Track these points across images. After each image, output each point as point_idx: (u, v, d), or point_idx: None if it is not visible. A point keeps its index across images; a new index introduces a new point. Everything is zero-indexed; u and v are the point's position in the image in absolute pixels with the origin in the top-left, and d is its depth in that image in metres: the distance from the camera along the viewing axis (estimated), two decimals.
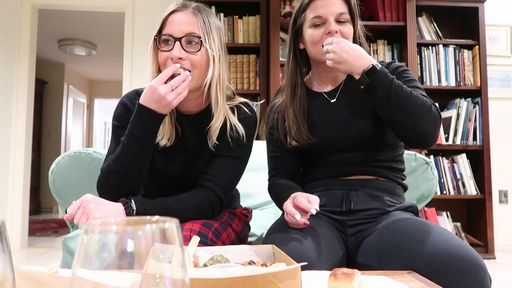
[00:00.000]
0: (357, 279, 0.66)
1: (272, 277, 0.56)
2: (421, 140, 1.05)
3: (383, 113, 1.06)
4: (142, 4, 3.46)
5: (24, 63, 3.52)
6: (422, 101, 1.02)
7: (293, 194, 1.01)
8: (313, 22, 1.14)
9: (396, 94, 1.01)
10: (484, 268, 0.82)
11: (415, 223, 0.95)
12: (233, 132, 1.10)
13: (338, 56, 1.04)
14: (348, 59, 1.04)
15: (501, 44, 3.49)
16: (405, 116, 1.01)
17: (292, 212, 0.95)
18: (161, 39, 1.06)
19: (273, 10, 2.95)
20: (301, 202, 0.95)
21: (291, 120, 1.16)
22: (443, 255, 0.83)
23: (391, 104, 1.01)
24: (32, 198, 4.56)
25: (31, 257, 3.14)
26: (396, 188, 1.15)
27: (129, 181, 1.03)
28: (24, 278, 0.58)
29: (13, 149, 3.47)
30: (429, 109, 1.02)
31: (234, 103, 1.15)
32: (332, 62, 1.06)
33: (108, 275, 0.32)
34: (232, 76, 3.06)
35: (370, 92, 1.03)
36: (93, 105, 7.71)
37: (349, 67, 1.04)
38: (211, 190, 1.08)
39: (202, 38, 1.05)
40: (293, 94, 1.19)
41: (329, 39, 1.08)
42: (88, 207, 0.93)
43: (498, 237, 3.21)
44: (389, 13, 3.09)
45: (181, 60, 1.03)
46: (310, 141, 1.14)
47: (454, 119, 3.09)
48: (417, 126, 1.02)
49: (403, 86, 1.03)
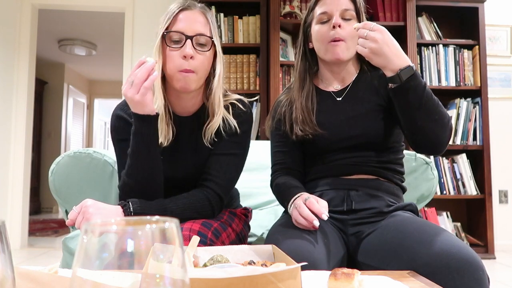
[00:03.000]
0: (357, 279, 0.66)
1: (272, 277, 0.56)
2: (435, 148, 1.06)
3: (407, 116, 1.03)
4: (142, 4, 3.46)
5: (24, 63, 3.52)
6: (445, 111, 1.03)
7: (303, 196, 1.00)
8: (319, 18, 1.16)
9: (427, 101, 0.99)
10: (483, 268, 0.83)
11: (415, 223, 0.96)
12: (226, 127, 1.10)
13: (379, 47, 0.98)
14: (388, 53, 0.98)
15: (501, 44, 3.49)
16: (430, 123, 1.01)
17: (311, 217, 0.94)
18: (171, 36, 1.05)
19: (273, 10, 2.94)
20: (313, 205, 0.95)
21: (299, 111, 1.16)
22: (442, 255, 0.83)
23: (420, 110, 1.00)
24: (32, 198, 4.56)
25: (31, 257, 3.14)
26: (396, 189, 1.16)
27: (146, 189, 1.03)
28: (24, 278, 0.58)
29: (13, 149, 3.47)
30: (449, 120, 1.04)
31: (229, 100, 1.15)
32: (369, 51, 0.99)
33: (108, 275, 0.32)
34: (232, 76, 3.05)
35: (401, 93, 1.00)
36: (93, 105, 7.71)
37: (386, 62, 0.99)
38: (210, 189, 1.08)
39: (213, 38, 1.07)
40: (302, 89, 1.20)
41: (370, 24, 1.01)
42: (88, 212, 0.94)
43: (498, 237, 3.21)
44: (389, 13, 3.09)
45: (192, 59, 1.03)
46: (317, 132, 1.13)
47: (454, 119, 3.09)
48: (437, 135, 1.03)
49: (433, 94, 1.01)
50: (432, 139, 1.04)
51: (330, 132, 1.14)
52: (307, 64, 1.24)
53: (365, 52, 1.00)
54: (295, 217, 0.99)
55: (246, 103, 1.17)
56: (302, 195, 1.02)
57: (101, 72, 7.04)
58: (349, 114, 1.15)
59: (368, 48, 0.99)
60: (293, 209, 1.01)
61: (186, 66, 1.03)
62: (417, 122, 1.02)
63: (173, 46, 1.04)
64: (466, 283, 0.80)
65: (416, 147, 1.10)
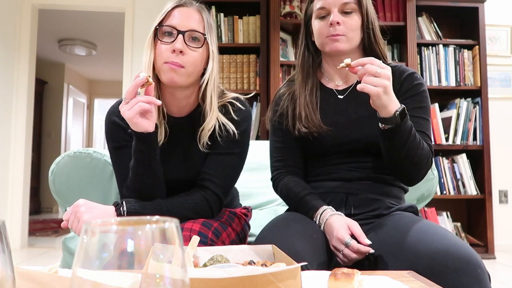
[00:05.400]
0: (357, 279, 0.66)
1: (272, 277, 0.56)
2: (409, 183, 1.13)
3: (390, 155, 1.04)
4: (142, 4, 3.46)
5: (24, 63, 3.52)
6: (425, 152, 1.05)
7: (347, 240, 0.96)
8: (318, 13, 1.13)
9: (410, 143, 1.00)
10: (481, 266, 0.83)
11: (414, 223, 0.96)
12: (222, 133, 1.08)
13: (390, 85, 0.93)
14: (392, 94, 0.95)
15: (501, 44, 3.49)
16: (408, 165, 1.04)
17: (363, 254, 0.95)
18: (163, 31, 1.04)
19: (273, 10, 2.94)
20: (359, 248, 0.95)
21: (302, 106, 1.13)
22: (440, 254, 0.83)
23: (403, 151, 1.00)
24: (32, 198, 4.56)
25: (31, 257, 3.14)
26: (397, 191, 1.15)
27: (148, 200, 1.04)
28: (24, 278, 0.58)
29: (13, 149, 3.47)
30: (428, 159, 1.06)
31: (226, 99, 1.13)
32: (383, 89, 0.92)
33: (108, 275, 0.32)
34: (232, 76, 3.05)
35: (393, 134, 0.98)
36: (93, 105, 7.71)
37: (389, 101, 0.94)
38: (208, 189, 1.07)
39: (206, 36, 1.05)
40: (305, 84, 1.17)
41: (377, 61, 0.95)
42: (79, 211, 0.95)
43: (498, 237, 3.21)
44: (389, 13, 3.09)
45: (181, 54, 1.01)
46: (321, 129, 1.11)
47: (454, 119, 3.09)
48: (412, 174, 1.07)
49: (416, 134, 1.02)
50: (409, 176, 1.09)
51: (332, 134, 1.12)
52: (311, 57, 1.20)
53: (377, 91, 0.92)
54: (346, 256, 0.97)
55: (244, 101, 1.15)
56: (325, 212, 1.04)
57: (101, 72, 7.04)
58: (351, 116, 1.13)
59: (382, 87, 0.92)
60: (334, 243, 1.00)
61: (173, 59, 1.01)
62: (397, 160, 1.04)
63: (164, 40, 1.03)
64: (466, 282, 0.80)
65: (392, 175, 1.13)
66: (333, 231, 0.99)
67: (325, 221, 1.02)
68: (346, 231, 0.97)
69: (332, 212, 1.03)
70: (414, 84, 1.12)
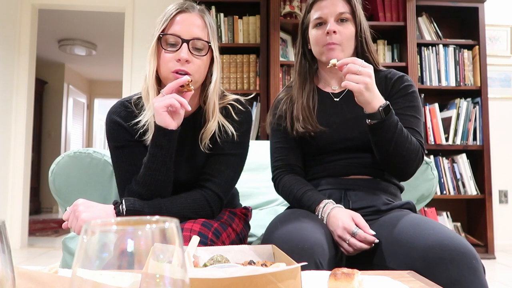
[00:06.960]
0: (357, 279, 0.66)
1: (272, 277, 0.56)
2: (401, 178, 1.17)
3: (379, 150, 1.08)
4: (142, 4, 3.46)
5: (24, 63, 3.52)
6: (414, 147, 1.08)
7: (353, 230, 0.99)
8: (315, 22, 1.18)
9: (397, 136, 1.04)
10: (476, 257, 0.85)
11: (410, 219, 0.99)
12: (222, 135, 1.09)
13: (371, 82, 1.00)
14: (375, 90, 1.01)
15: (501, 44, 3.49)
16: (397, 158, 1.07)
17: (369, 243, 0.99)
18: (167, 40, 1.03)
19: (273, 10, 2.94)
20: (366, 237, 0.98)
21: (300, 110, 1.18)
22: (435, 247, 0.86)
23: (391, 145, 1.04)
24: (32, 198, 4.56)
25: (31, 257, 3.14)
26: (393, 188, 1.18)
27: (155, 197, 1.04)
28: (24, 278, 0.58)
29: (13, 149, 3.47)
30: (417, 154, 1.09)
31: (227, 101, 1.14)
32: (364, 86, 0.99)
33: (108, 275, 0.32)
34: (232, 76, 3.05)
35: (379, 129, 1.03)
36: (93, 105, 7.71)
37: (372, 97, 1.01)
38: (209, 189, 1.08)
39: (211, 43, 1.05)
40: (302, 89, 1.22)
41: (359, 60, 1.02)
42: (77, 210, 0.95)
43: (498, 237, 3.21)
44: (389, 13, 3.09)
45: (187, 63, 1.02)
46: (318, 130, 1.15)
47: (454, 119, 3.09)
48: (402, 168, 1.10)
49: (403, 129, 1.06)
50: (399, 171, 1.12)
51: (329, 133, 1.16)
52: (307, 64, 1.25)
53: (358, 87, 0.99)
54: (352, 245, 1.00)
55: (244, 103, 1.16)
56: (327, 205, 1.06)
57: (101, 72, 7.04)
58: (346, 115, 1.18)
59: (363, 83, 0.99)
60: (338, 238, 1.02)
61: (180, 67, 1.01)
62: (386, 154, 1.07)
63: (169, 49, 1.03)
64: (461, 273, 0.83)
65: (385, 170, 1.16)
66: (338, 221, 1.01)
67: (328, 214, 1.04)
68: (352, 221, 1.00)
69: (334, 205, 1.06)
70: (403, 85, 1.18)
